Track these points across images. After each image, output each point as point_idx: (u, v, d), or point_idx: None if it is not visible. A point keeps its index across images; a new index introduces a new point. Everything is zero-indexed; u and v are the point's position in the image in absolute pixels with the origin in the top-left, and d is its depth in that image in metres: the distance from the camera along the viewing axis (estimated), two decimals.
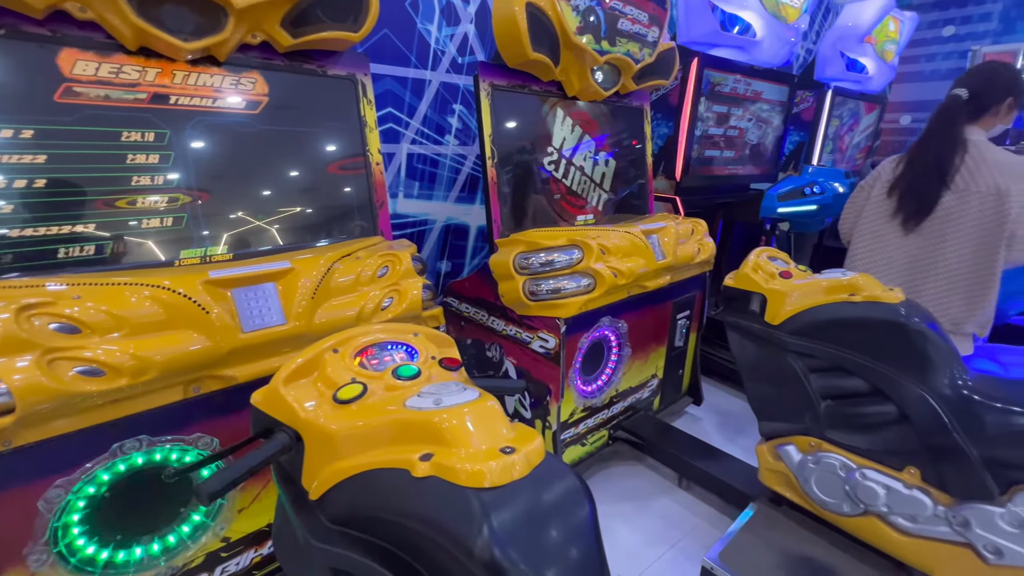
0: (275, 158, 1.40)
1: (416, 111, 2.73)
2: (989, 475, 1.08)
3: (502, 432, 0.64)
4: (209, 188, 1.27)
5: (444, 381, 0.73)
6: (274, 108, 1.40)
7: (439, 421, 0.62)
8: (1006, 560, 1.08)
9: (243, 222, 1.33)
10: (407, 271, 1.35)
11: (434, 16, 2.65)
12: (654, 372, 2.14)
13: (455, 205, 3.02)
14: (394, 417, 0.66)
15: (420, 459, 0.60)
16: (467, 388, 0.69)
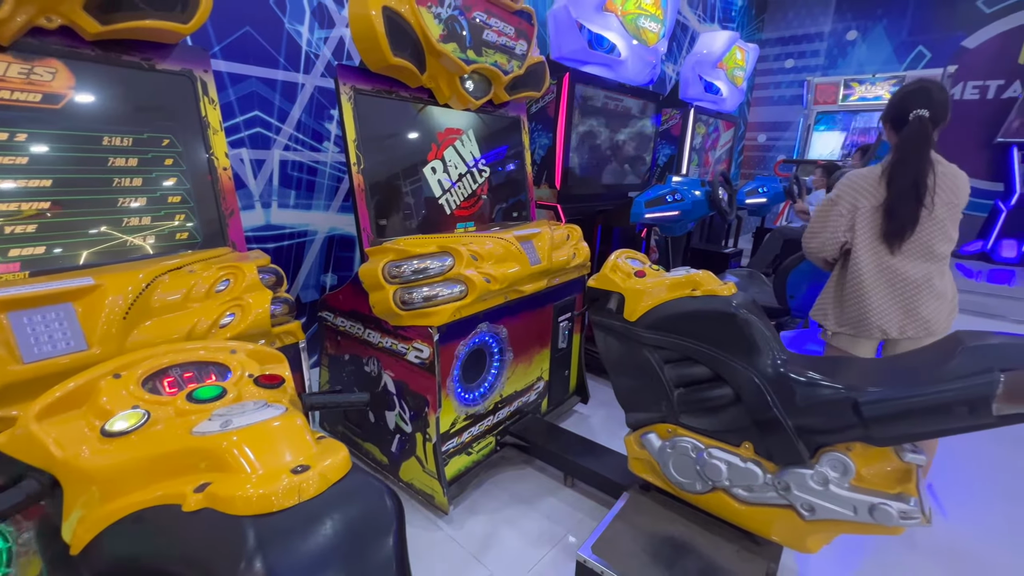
0: (86, 160, 1.22)
1: (288, 116, 2.57)
2: (801, 442, 1.24)
3: (300, 449, 0.59)
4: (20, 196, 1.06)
5: (246, 400, 0.66)
6: (83, 103, 1.22)
7: (224, 445, 0.56)
8: (818, 515, 1.23)
9: (46, 235, 1.14)
10: (252, 284, 1.24)
11: (304, 17, 2.53)
12: (539, 375, 2.19)
13: (339, 215, 2.88)
14: (174, 447, 0.58)
15: (195, 491, 0.53)
16: (269, 406, 0.63)
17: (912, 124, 1.54)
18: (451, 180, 2.00)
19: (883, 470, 1.18)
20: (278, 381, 0.77)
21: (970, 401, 1.00)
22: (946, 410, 1.03)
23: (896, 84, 5.75)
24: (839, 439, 1.20)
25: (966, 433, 1.07)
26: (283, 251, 2.67)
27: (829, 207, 1.66)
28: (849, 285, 1.66)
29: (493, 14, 1.88)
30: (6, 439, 0.62)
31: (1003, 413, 0.99)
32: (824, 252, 1.70)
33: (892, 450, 1.19)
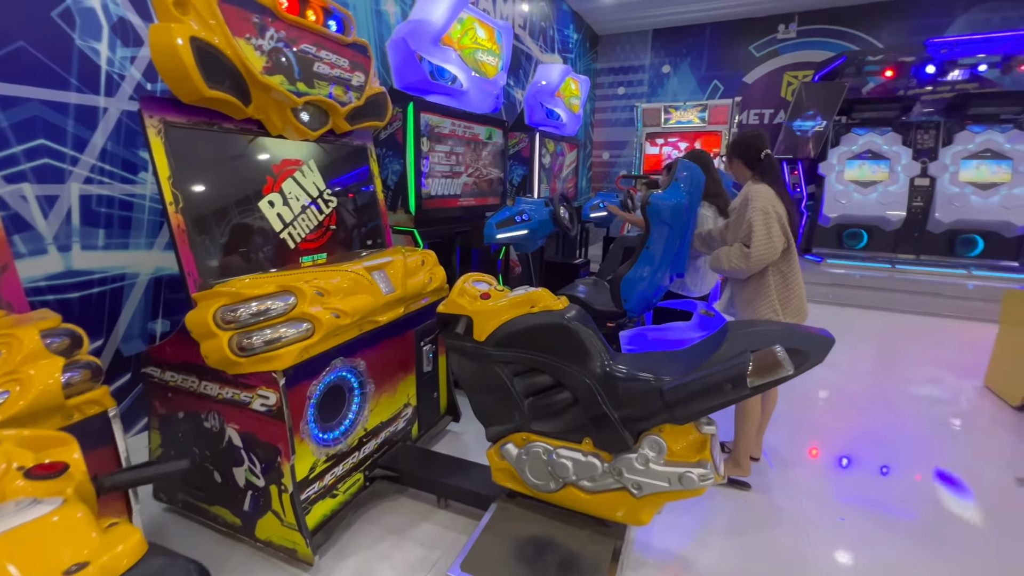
0: None
1: (88, 144, 2.23)
2: (626, 431, 1.44)
3: (77, 546, 0.54)
4: None
5: (7, 501, 0.59)
6: None
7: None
8: (645, 491, 1.45)
9: None
10: (35, 352, 1.07)
11: (101, 34, 2.22)
12: (406, 401, 2.19)
13: (166, 252, 2.56)
14: None
15: None
16: (38, 502, 0.57)
17: (769, 159, 2.07)
18: (293, 213, 1.93)
19: (687, 443, 1.43)
20: (59, 469, 0.69)
21: (732, 378, 1.27)
22: (719, 387, 1.29)
23: (703, 111, 6.91)
24: (653, 423, 1.43)
25: (738, 402, 1.35)
26: (93, 300, 2.29)
27: (768, 219, 1.94)
28: (792, 280, 2.04)
29: (323, 47, 1.86)
30: None
31: (756, 384, 1.27)
32: (774, 256, 1.96)
33: (693, 425, 1.44)
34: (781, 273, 2.05)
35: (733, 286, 2.22)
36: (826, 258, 6.17)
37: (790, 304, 2.05)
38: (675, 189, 2.22)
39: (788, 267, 2.05)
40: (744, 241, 2.02)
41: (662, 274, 2.39)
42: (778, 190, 2.03)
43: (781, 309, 2.03)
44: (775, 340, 1.28)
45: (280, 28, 1.70)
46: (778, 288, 2.05)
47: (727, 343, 1.34)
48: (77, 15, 2.15)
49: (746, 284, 2.11)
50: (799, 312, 2.07)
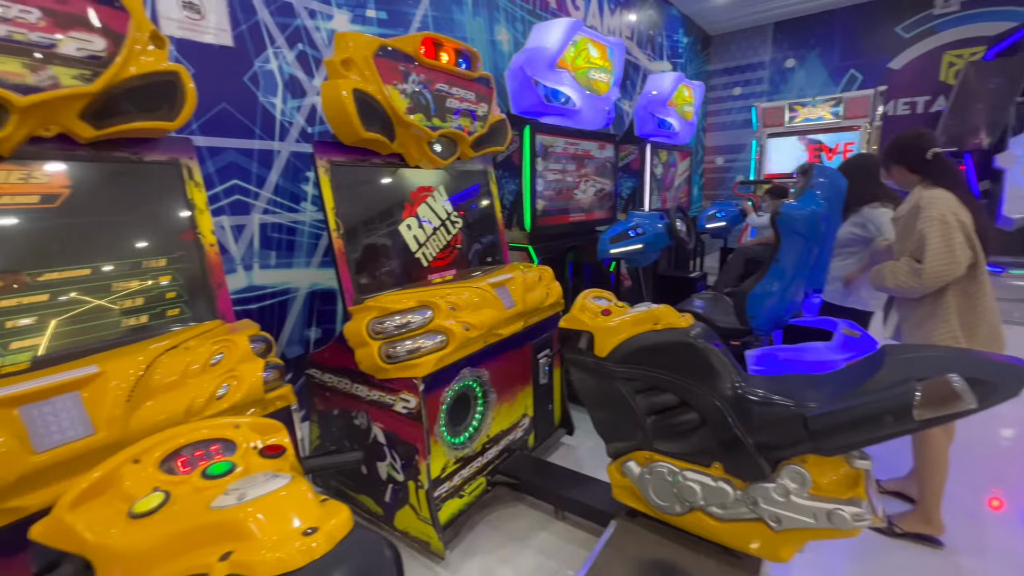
0: (87, 252, 1.31)
1: (266, 181, 2.69)
2: (762, 458, 1.35)
3: (308, 513, 0.67)
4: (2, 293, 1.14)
5: (256, 473, 0.75)
6: (79, 199, 1.32)
7: (241, 516, 0.64)
8: (784, 525, 1.34)
9: (44, 324, 1.21)
10: (245, 355, 1.32)
11: (277, 90, 2.68)
12: (524, 412, 2.28)
13: (319, 270, 2.97)
14: (196, 522, 0.66)
15: (220, 560, 0.61)
16: (276, 476, 0.72)
17: (940, 159, 1.78)
18: (426, 234, 2.14)
19: (836, 477, 1.30)
20: (280, 451, 0.86)
21: (893, 410, 1.13)
22: (876, 419, 1.16)
23: (836, 105, 6.22)
24: (794, 452, 1.32)
25: (899, 437, 1.20)
26: (266, 310, 2.74)
27: (947, 229, 1.64)
28: (979, 301, 1.70)
29: (454, 84, 2.06)
30: (41, 528, 0.70)
31: (924, 418, 1.12)
32: (956, 272, 1.65)
33: (843, 458, 1.31)
34: (965, 293, 1.72)
35: (900, 307, 1.95)
36: (1008, 268, 5.14)
37: (978, 331, 1.71)
38: (810, 197, 2.05)
39: (975, 286, 1.71)
40: (915, 255, 1.74)
41: (795, 290, 2.21)
42: (960, 195, 1.72)
43: (964, 336, 1.71)
44: (948, 367, 1.12)
45: (420, 72, 1.91)
46: (961, 311, 1.72)
47: (885, 369, 1.21)
48: (261, 77, 2.62)
49: (917, 305, 1.81)
50: (991, 340, 1.72)
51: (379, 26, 3.17)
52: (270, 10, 2.63)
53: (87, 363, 1.10)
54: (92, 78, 1.22)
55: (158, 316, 1.40)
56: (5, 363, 1.12)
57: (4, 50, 1.09)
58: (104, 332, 1.29)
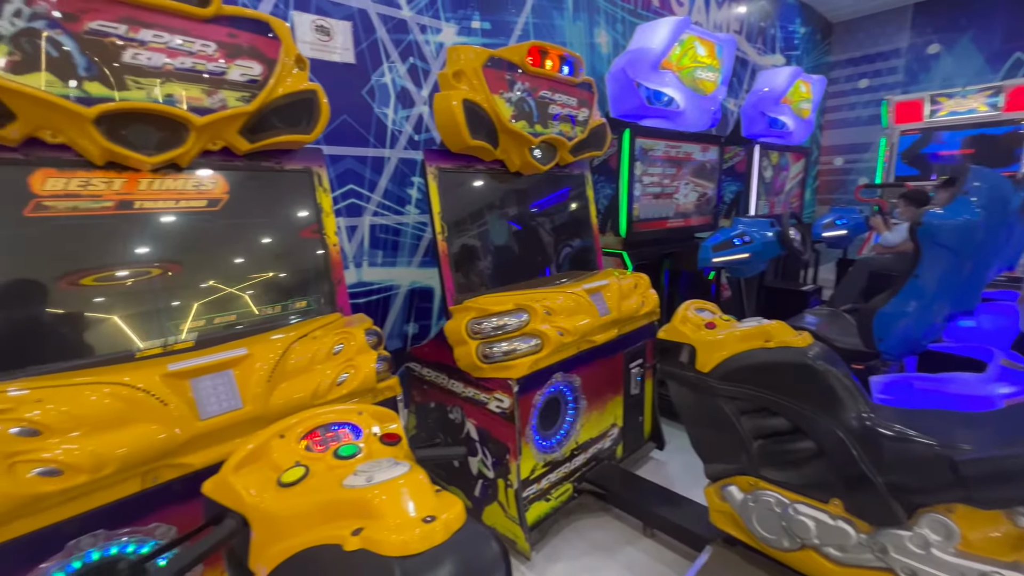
0: (238, 249, 1.51)
1: (377, 186, 2.91)
2: (895, 501, 1.20)
3: (427, 502, 0.72)
4: (174, 283, 1.36)
5: (379, 458, 0.82)
6: (235, 203, 1.52)
7: (370, 497, 0.71)
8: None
9: (205, 310, 1.42)
10: (361, 347, 1.44)
11: (390, 101, 2.90)
12: (613, 421, 2.23)
13: (419, 269, 3.16)
14: (332, 496, 0.74)
15: (352, 534, 0.68)
16: (398, 463, 0.78)
17: None
18: (523, 238, 2.18)
19: (994, 535, 1.12)
20: (397, 439, 0.93)
21: None
22: None
23: (994, 95, 5.31)
24: (937, 499, 1.15)
25: None
26: (372, 305, 2.96)
27: None
28: None
29: (557, 90, 2.08)
30: (211, 486, 0.82)
31: None
32: None
33: (1003, 513, 1.12)
34: None
35: None
36: None
37: None
38: (962, 204, 1.77)
39: None
40: None
41: (937, 311, 1.93)
42: None
43: None
44: None
45: (525, 80, 1.96)
46: None
47: None
48: (376, 90, 2.85)
49: None
50: None
51: (483, 36, 3.30)
52: (387, 28, 2.84)
53: (238, 346, 1.27)
54: (250, 99, 1.41)
55: (289, 307, 1.58)
56: (172, 341, 1.33)
57: (189, 79, 1.30)
58: (248, 319, 1.48)
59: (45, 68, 1.10)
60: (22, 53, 1.07)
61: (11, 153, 1.17)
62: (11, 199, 1.16)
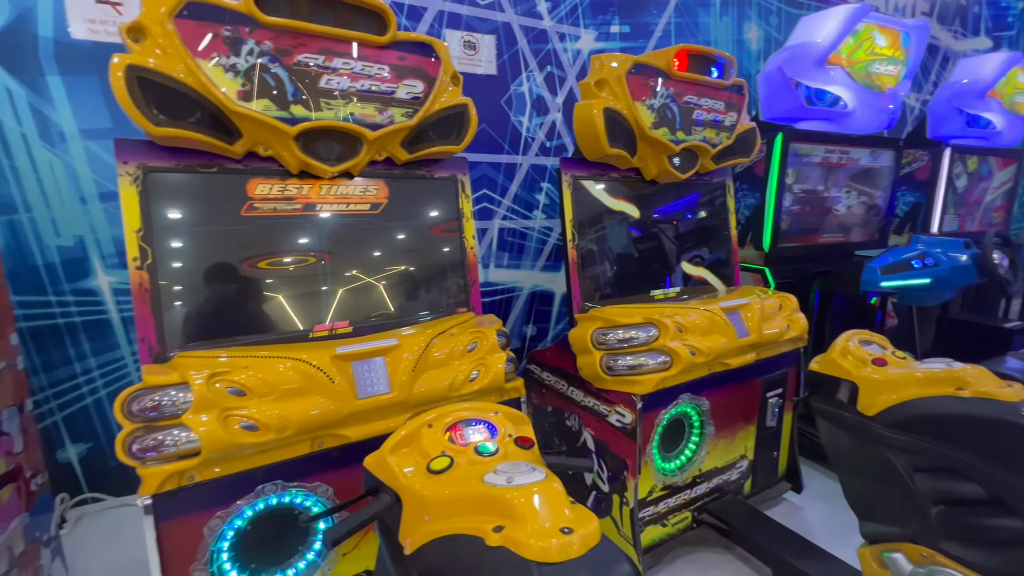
0: (391, 249, 1.69)
1: (508, 191, 3.04)
2: None
3: (563, 513, 0.73)
4: (340, 276, 1.57)
5: (517, 460, 0.85)
6: (391, 208, 1.70)
7: (510, 498, 0.74)
8: None
9: (363, 302, 1.61)
10: (493, 347, 1.52)
11: (526, 109, 3.00)
12: (743, 453, 2.04)
13: (541, 273, 3.22)
14: (473, 490, 0.79)
15: (493, 530, 0.72)
16: (535, 469, 0.80)
17: None
18: (654, 248, 2.10)
19: None
20: (531, 443, 0.96)
21: None
22: None
23: None
24: None
25: None
26: (495, 305, 3.10)
27: None
28: None
29: (704, 94, 1.96)
30: (371, 460, 0.93)
31: None
32: None
33: None
34: None
35: None
36: None
37: None
38: None
39: None
40: None
41: None
42: None
43: None
44: None
45: (669, 85, 1.88)
46: None
47: None
48: (514, 99, 2.97)
49: None
50: None
51: (622, 40, 3.25)
52: (528, 38, 2.95)
53: (389, 336, 1.42)
54: (412, 114, 1.56)
55: (430, 303, 1.72)
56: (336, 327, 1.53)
57: (366, 98, 1.48)
58: (395, 312, 1.64)
59: (265, 95, 1.34)
60: (250, 84, 1.32)
61: (236, 163, 1.45)
62: (234, 200, 1.44)
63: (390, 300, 1.66)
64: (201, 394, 1.10)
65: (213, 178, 1.42)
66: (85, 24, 2.02)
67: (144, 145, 1.34)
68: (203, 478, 1.14)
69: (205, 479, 1.14)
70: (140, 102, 1.20)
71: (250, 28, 1.29)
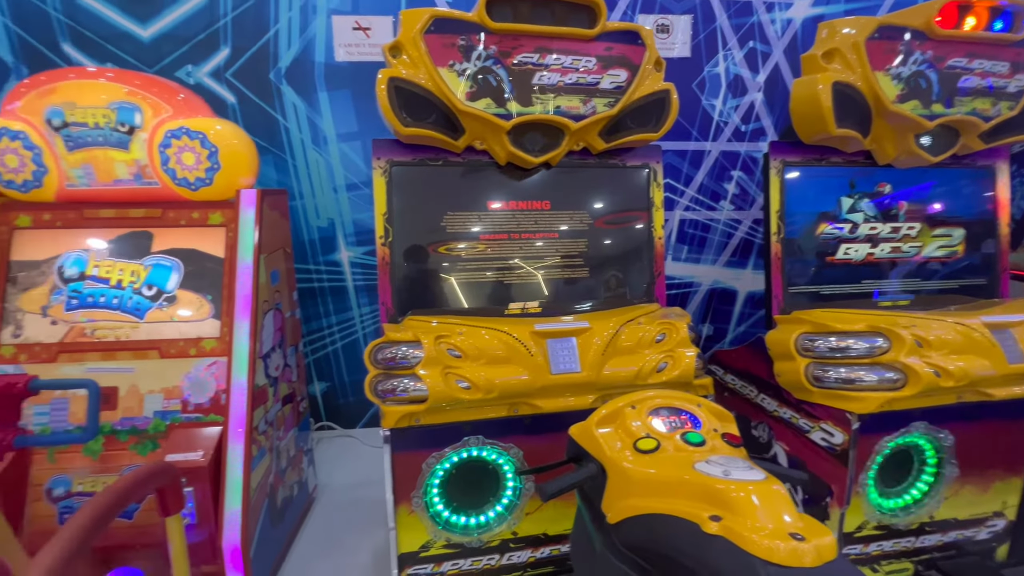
0: (581, 236, 1.75)
1: (692, 180, 2.87)
2: None
3: (790, 518, 0.69)
4: (532, 259, 1.69)
5: (729, 455, 0.82)
6: (583, 197, 1.76)
7: (730, 490, 0.72)
8: None
9: (550, 285, 1.71)
10: (683, 340, 1.47)
11: (720, 91, 2.78)
12: (999, 509, 1.61)
13: (724, 269, 2.98)
14: (685, 476, 0.79)
15: (710, 518, 0.71)
16: (753, 468, 0.77)
17: None
18: (884, 247, 1.77)
19: None
20: (739, 441, 0.92)
21: None
22: None
23: None
24: None
25: None
26: (670, 299, 2.97)
27: None
28: None
29: (978, 55, 1.57)
30: (577, 431, 1.00)
31: None
32: None
33: None
34: None
35: None
36: None
37: None
38: None
39: None
40: None
41: None
42: None
43: None
44: None
45: (928, 48, 1.55)
46: None
47: None
48: (707, 81, 2.77)
49: None
50: None
51: (846, 2, 2.77)
52: (729, 13, 2.71)
53: (581, 318, 1.49)
54: (613, 103, 1.58)
55: (619, 292, 1.73)
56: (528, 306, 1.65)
57: (572, 91, 1.55)
58: (582, 297, 1.71)
59: (487, 95, 1.50)
60: (476, 85, 1.49)
61: (456, 157, 1.66)
62: (454, 190, 1.66)
63: (577, 285, 1.72)
64: (429, 352, 1.31)
65: (438, 170, 1.65)
66: (344, 49, 2.52)
67: (391, 144, 1.62)
68: (425, 422, 1.36)
69: (426, 423, 1.36)
70: (395, 106, 1.45)
71: (480, 35, 1.46)
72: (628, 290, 1.75)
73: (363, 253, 2.72)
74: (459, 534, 1.46)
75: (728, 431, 0.94)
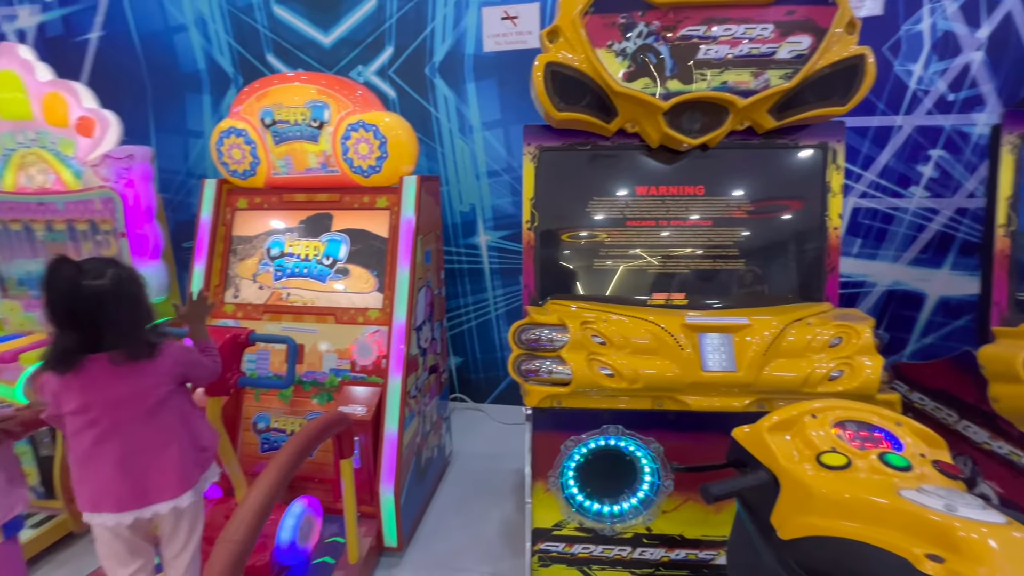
0: (736, 224, 1.61)
1: (873, 162, 2.45)
2: None
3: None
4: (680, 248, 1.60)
5: (949, 487, 0.69)
6: (743, 181, 1.61)
7: (959, 529, 0.60)
8: None
9: (700, 276, 1.60)
10: (865, 346, 1.27)
11: (920, 53, 2.31)
12: None
13: (908, 268, 2.52)
14: (890, 503, 0.68)
15: (928, 557, 0.60)
16: (987, 508, 0.63)
17: None
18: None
19: None
20: (958, 474, 0.76)
21: None
22: None
23: None
24: None
25: None
26: None
27: None
28: None
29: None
30: (743, 435, 0.93)
31: None
32: None
33: None
34: None
35: None
36: None
37: None
38: None
39: None
40: None
41: None
42: None
43: None
44: None
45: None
46: None
47: None
48: (904, 42, 2.32)
49: None
50: None
51: None
52: None
53: (740, 313, 1.37)
54: (792, 75, 1.40)
55: (782, 287, 1.56)
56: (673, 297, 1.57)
57: (743, 64, 1.41)
58: (736, 290, 1.57)
59: (646, 74, 1.43)
60: (635, 65, 1.43)
61: (604, 141, 1.62)
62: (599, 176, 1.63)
63: (729, 277, 1.59)
64: (575, 336, 1.32)
65: (586, 154, 1.63)
66: (493, 39, 2.61)
67: (541, 129, 1.64)
68: (566, 405, 1.37)
69: (567, 407, 1.38)
70: (550, 91, 1.45)
71: (642, 11, 1.39)
72: (794, 285, 1.56)
73: (499, 237, 2.83)
74: (592, 519, 1.47)
75: (941, 459, 0.79)
